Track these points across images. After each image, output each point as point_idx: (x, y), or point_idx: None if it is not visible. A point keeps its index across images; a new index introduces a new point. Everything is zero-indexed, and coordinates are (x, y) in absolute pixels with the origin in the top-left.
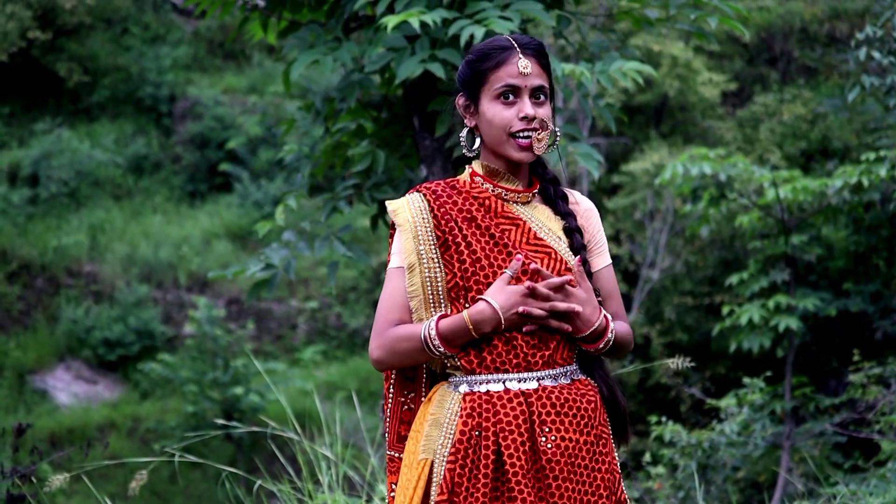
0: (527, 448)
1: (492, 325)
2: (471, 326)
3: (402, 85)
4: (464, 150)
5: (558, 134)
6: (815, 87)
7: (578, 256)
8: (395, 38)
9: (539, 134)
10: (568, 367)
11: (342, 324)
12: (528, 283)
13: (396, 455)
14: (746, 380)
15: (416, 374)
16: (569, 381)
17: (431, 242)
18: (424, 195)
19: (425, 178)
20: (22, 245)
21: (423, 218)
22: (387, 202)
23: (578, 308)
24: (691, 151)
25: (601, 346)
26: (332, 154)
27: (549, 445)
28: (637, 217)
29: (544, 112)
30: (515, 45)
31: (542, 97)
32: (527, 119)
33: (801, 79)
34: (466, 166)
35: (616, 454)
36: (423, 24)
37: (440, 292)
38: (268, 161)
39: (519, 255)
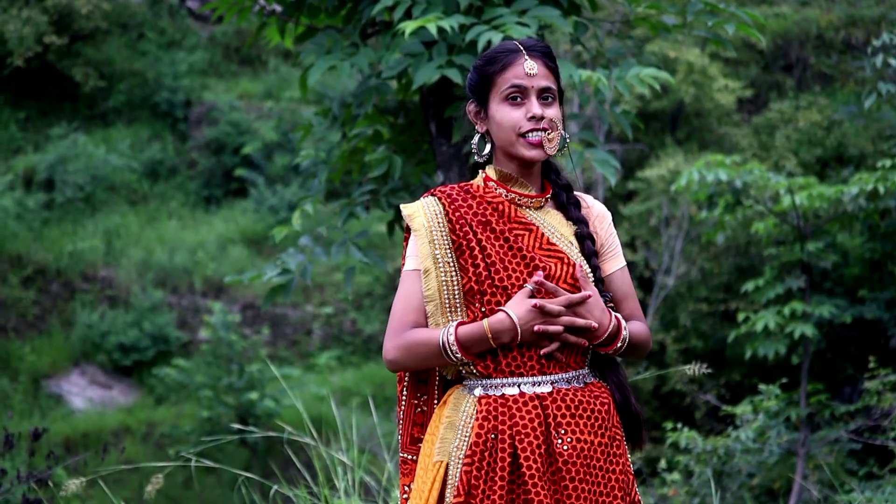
0: (542, 451)
1: (510, 337)
2: (490, 336)
3: (419, 90)
4: (475, 156)
5: (568, 139)
6: (831, 94)
7: (579, 263)
8: (412, 44)
9: (549, 134)
10: (581, 371)
11: (357, 329)
12: (537, 302)
13: (409, 457)
14: (762, 386)
15: (428, 377)
16: (582, 385)
17: (447, 246)
18: (440, 199)
19: (442, 184)
20: (37, 250)
21: (438, 222)
22: (402, 206)
23: (594, 324)
24: (707, 158)
25: (617, 346)
26: (349, 159)
27: (566, 447)
28: (652, 223)
29: (553, 112)
30: (521, 48)
31: (551, 98)
32: (535, 118)
33: (817, 86)
34: (480, 171)
35: (629, 458)
36: (441, 30)
37: (456, 296)
38: (283, 166)
39: (540, 273)
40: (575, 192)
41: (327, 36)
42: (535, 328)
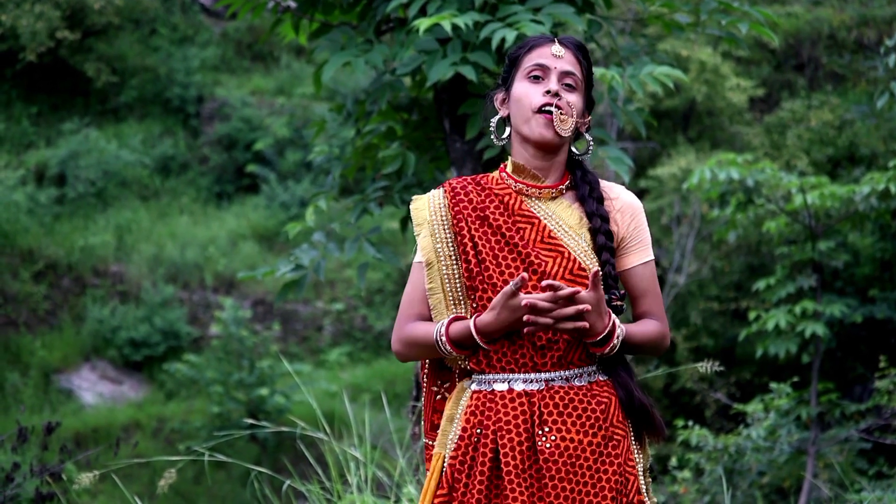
0: (524, 448)
1: (498, 335)
2: (475, 332)
3: (432, 87)
4: (492, 138)
5: (591, 143)
6: (843, 93)
7: (596, 269)
8: (426, 41)
9: (562, 114)
10: (586, 368)
11: (368, 326)
12: (526, 301)
13: (431, 443)
14: (773, 385)
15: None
16: (584, 382)
17: (449, 239)
18: (445, 191)
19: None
20: (48, 245)
21: (440, 215)
22: (412, 198)
23: (584, 324)
24: (719, 156)
25: (606, 350)
26: (363, 156)
27: (548, 445)
28: (664, 222)
29: (572, 98)
30: (554, 37)
31: (573, 86)
32: (550, 93)
33: (829, 85)
34: (502, 164)
35: (637, 455)
36: (455, 27)
37: (459, 289)
38: (295, 163)
39: (524, 275)
40: (603, 184)
41: (342, 32)
42: (525, 318)
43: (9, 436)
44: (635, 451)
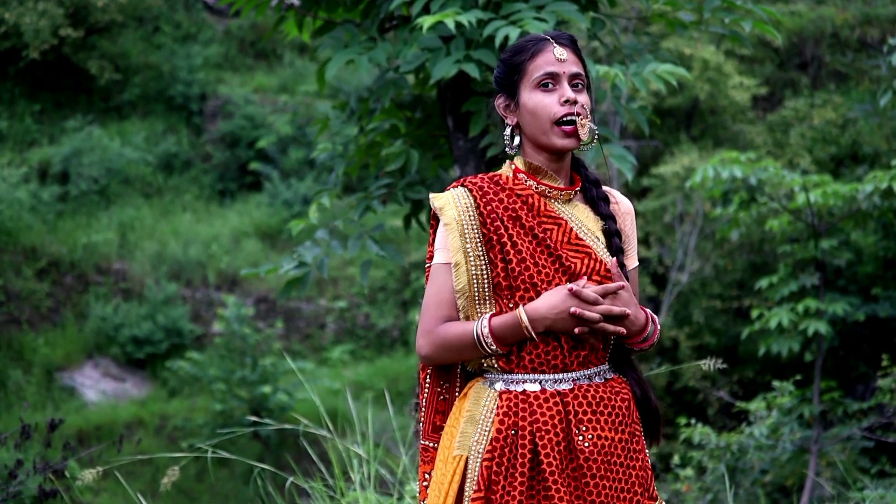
0: (562, 448)
1: (544, 326)
2: (525, 323)
3: (436, 85)
4: (506, 148)
5: (596, 132)
6: (846, 92)
7: (614, 258)
8: (430, 39)
9: (582, 119)
10: (601, 367)
11: (370, 324)
12: (572, 287)
13: (431, 445)
14: (776, 383)
15: (451, 365)
16: (602, 381)
17: (478, 240)
18: (471, 191)
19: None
20: (51, 242)
21: (469, 215)
22: (431, 195)
23: (628, 311)
24: (722, 155)
25: (650, 343)
26: (366, 153)
27: (587, 444)
28: (667, 220)
29: (584, 99)
30: (548, 37)
31: (581, 85)
32: (569, 102)
33: (832, 84)
34: (507, 162)
35: (648, 454)
36: (459, 25)
37: (486, 289)
38: (298, 160)
39: (583, 281)
40: (603, 187)
41: (345, 30)
42: (572, 311)
43: (12, 433)
44: (646, 449)
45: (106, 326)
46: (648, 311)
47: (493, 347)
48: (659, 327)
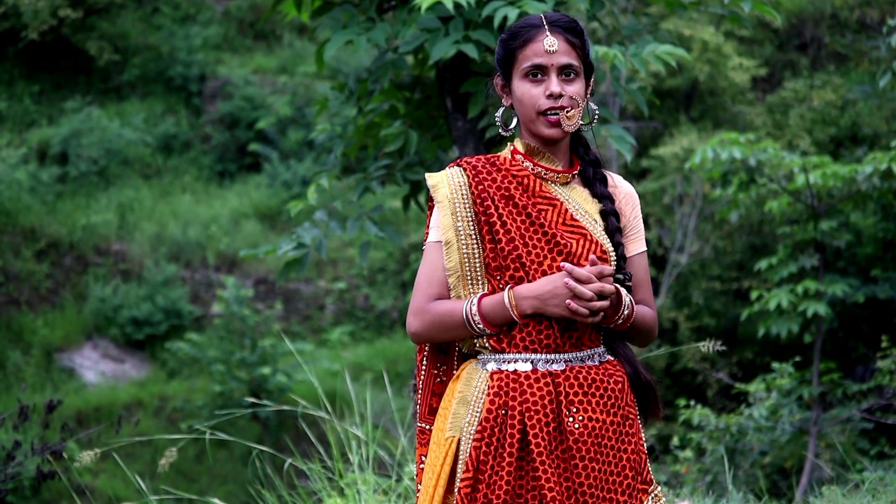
0: (552, 428)
1: (532, 308)
2: (512, 303)
3: (435, 66)
4: (500, 130)
5: (596, 112)
6: (845, 73)
7: (599, 242)
8: (428, 19)
9: (568, 112)
10: (596, 349)
11: (370, 305)
12: (565, 266)
13: (427, 427)
14: (775, 365)
15: (448, 347)
16: (596, 363)
17: (470, 219)
18: (465, 170)
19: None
20: (51, 223)
21: (461, 194)
22: (427, 175)
23: (612, 289)
24: (721, 136)
25: (619, 320)
26: (365, 134)
27: (577, 426)
28: (666, 201)
29: (573, 89)
30: (544, 23)
31: (572, 74)
32: (553, 97)
33: (832, 65)
34: (508, 144)
35: (643, 434)
36: (457, 6)
37: (478, 268)
38: (297, 141)
39: (593, 257)
40: (603, 170)
41: (344, 11)
42: (565, 281)
43: (10, 414)
44: (642, 431)
45: (105, 307)
46: (621, 290)
47: (482, 327)
48: (626, 307)
